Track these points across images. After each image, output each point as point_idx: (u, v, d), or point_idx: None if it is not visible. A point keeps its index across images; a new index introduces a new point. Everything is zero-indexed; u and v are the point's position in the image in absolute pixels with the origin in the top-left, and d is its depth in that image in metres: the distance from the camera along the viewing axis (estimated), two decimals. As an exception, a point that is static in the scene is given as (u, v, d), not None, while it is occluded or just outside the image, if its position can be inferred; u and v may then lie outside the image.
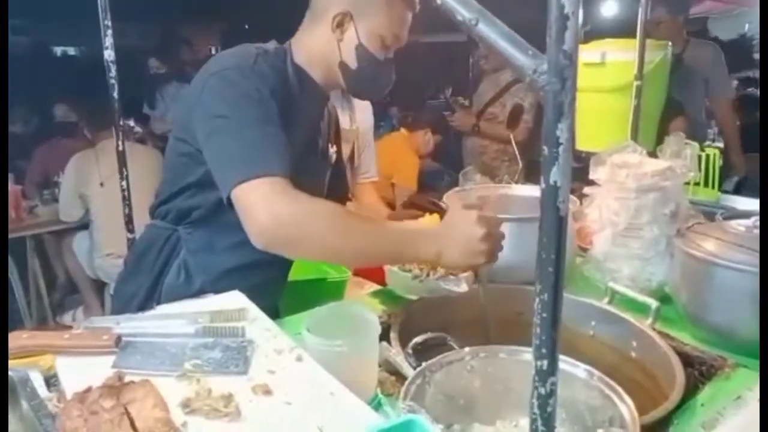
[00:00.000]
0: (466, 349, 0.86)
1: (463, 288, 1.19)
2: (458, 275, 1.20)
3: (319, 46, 1.21)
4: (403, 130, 3.70)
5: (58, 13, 5.54)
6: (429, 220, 1.28)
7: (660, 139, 1.81)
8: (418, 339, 0.96)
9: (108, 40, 1.96)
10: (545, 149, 0.48)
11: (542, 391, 0.51)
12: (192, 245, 1.24)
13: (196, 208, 1.21)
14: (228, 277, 1.19)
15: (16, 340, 0.88)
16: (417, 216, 1.34)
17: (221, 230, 1.20)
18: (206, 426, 0.72)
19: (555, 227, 0.49)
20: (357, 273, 1.74)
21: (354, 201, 1.92)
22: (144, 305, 1.18)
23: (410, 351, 0.94)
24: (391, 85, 1.25)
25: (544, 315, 0.50)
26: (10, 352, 0.87)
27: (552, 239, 0.49)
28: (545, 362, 0.51)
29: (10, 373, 0.76)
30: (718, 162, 2.12)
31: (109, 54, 1.96)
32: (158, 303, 1.16)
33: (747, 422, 0.85)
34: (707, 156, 2.12)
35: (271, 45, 1.23)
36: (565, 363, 0.82)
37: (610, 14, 4.99)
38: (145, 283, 1.24)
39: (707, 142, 3.09)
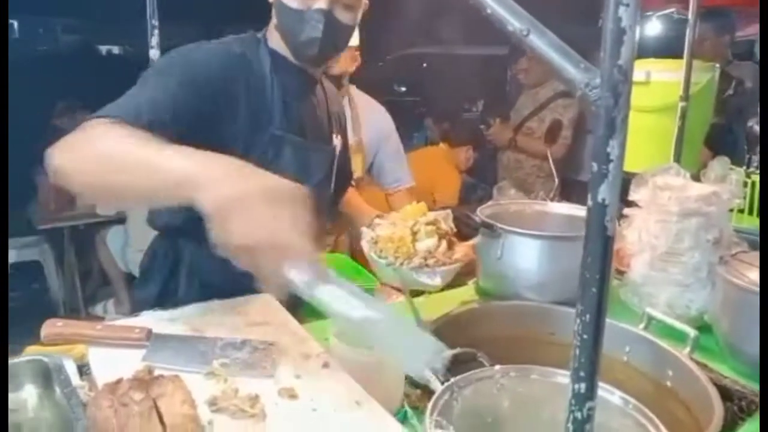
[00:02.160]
0: (497, 366, 0.84)
1: (437, 282, 1.13)
2: (434, 267, 1.13)
3: (272, 22, 1.20)
4: (442, 145, 3.68)
5: (106, 13, 5.73)
6: (415, 209, 1.23)
7: (703, 163, 1.76)
8: (447, 353, 0.94)
9: (154, 40, 2.01)
10: (594, 165, 0.47)
11: (578, 415, 0.50)
12: (196, 257, 1.22)
13: (187, 221, 1.12)
14: (237, 285, 1.10)
15: (50, 327, 0.90)
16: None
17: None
18: (232, 425, 0.73)
19: (601, 247, 0.47)
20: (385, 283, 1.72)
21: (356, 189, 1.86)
22: None
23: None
24: (335, 39, 1.17)
25: (585, 337, 0.48)
26: (44, 337, 0.89)
27: (597, 259, 0.47)
28: (583, 385, 0.49)
29: (45, 359, 0.78)
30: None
31: (154, 53, 2.01)
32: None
33: (789, 463, 0.81)
34: (753, 183, 2.05)
35: (248, 34, 1.23)
36: (599, 388, 0.80)
37: (654, 33, 4.91)
38: (154, 291, 1.24)
39: (751, 169, 2.99)
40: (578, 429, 0.50)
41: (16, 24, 6.97)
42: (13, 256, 3.40)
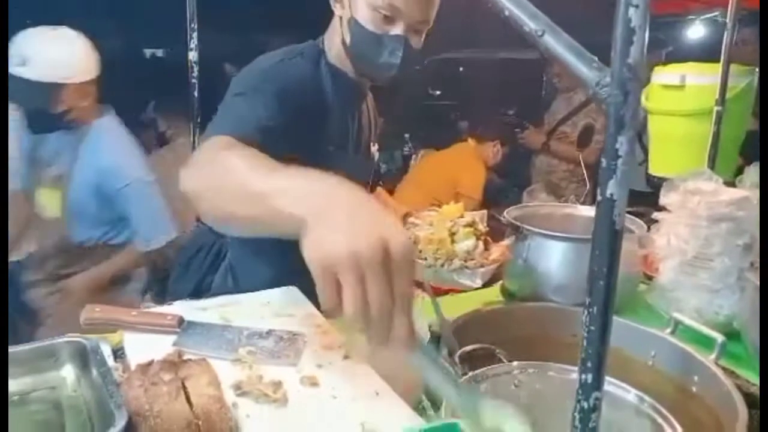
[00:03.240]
0: (515, 363, 0.85)
1: (477, 282, 1.12)
2: (474, 269, 1.12)
3: (335, 34, 1.19)
4: (470, 141, 3.67)
5: (149, 18, 5.92)
6: (452, 209, 1.22)
7: (739, 170, 1.72)
8: (466, 348, 0.96)
9: (193, 42, 2.07)
10: (604, 161, 0.48)
11: (585, 405, 0.51)
12: (236, 252, 1.27)
13: None
14: (272, 285, 1.15)
15: (89, 312, 0.96)
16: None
17: (261, 240, 1.20)
18: (255, 408, 0.76)
19: (609, 241, 0.48)
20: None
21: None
22: None
23: (457, 360, 0.94)
24: (407, 64, 1.13)
25: (592, 328, 0.50)
26: (83, 322, 0.95)
27: (605, 253, 0.49)
28: (590, 376, 0.50)
29: (83, 340, 0.83)
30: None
31: (193, 55, 2.07)
32: None
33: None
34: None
35: (308, 46, 1.22)
36: (615, 387, 0.80)
37: (697, 37, 4.80)
38: (190, 285, 1.29)
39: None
40: (585, 418, 0.51)
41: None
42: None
